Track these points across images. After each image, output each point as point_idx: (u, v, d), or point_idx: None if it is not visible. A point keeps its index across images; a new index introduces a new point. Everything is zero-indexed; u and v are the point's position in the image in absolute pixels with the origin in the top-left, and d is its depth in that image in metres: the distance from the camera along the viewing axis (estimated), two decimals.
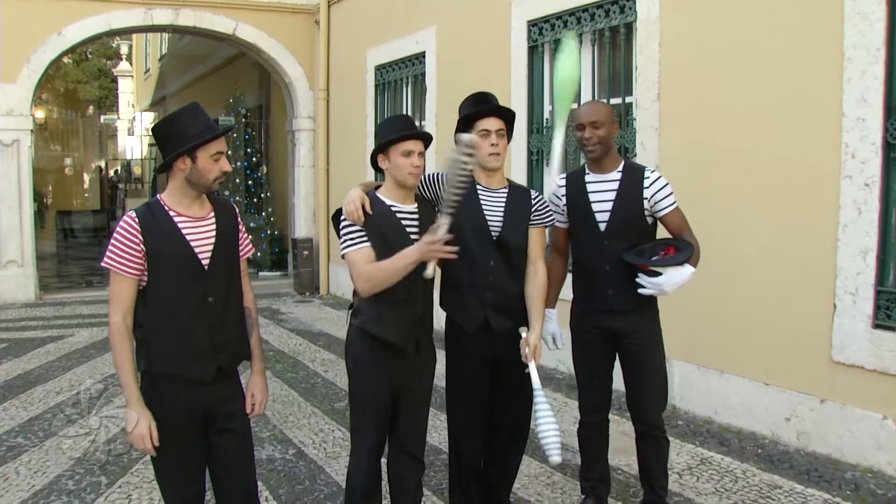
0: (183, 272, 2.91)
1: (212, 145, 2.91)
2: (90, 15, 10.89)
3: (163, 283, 2.88)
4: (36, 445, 5.13)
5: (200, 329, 2.94)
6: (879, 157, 4.46)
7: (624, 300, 3.64)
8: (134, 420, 2.83)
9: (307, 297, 11.53)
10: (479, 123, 3.53)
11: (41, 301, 10.95)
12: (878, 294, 4.54)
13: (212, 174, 2.92)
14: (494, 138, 3.52)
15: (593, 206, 3.67)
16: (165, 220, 2.90)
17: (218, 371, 2.99)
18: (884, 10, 4.39)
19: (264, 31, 11.78)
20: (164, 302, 2.89)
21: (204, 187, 2.95)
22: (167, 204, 2.95)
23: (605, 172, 3.70)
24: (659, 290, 3.50)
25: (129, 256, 2.83)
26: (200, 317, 2.94)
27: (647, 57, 5.96)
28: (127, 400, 2.85)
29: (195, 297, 2.93)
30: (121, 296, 2.85)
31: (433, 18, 8.88)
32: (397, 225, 3.28)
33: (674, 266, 3.47)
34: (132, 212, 2.90)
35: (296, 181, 12.40)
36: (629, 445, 5.02)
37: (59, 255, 16.69)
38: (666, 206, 3.64)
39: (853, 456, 4.62)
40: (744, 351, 5.30)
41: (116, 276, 2.85)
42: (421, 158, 3.29)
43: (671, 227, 3.67)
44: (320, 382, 6.76)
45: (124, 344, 2.84)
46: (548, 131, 7.17)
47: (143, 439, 2.83)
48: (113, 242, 2.85)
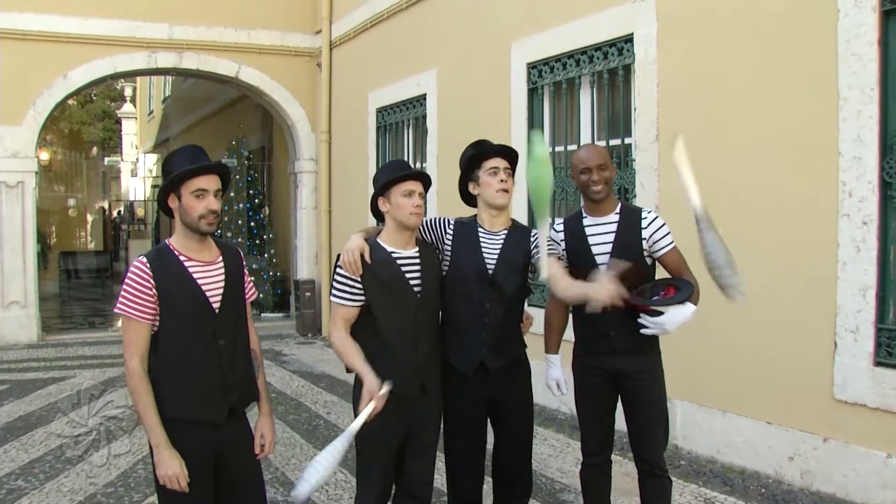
0: (194, 316, 2.94)
1: (192, 182, 2.91)
2: (95, 58, 11.04)
3: (174, 326, 2.91)
4: (36, 488, 5.10)
5: (212, 371, 2.96)
6: (876, 196, 4.49)
7: (626, 341, 3.64)
8: (166, 461, 2.84)
9: (309, 339, 11.52)
10: (486, 163, 3.61)
11: (43, 342, 10.93)
12: (879, 332, 4.54)
13: (195, 212, 2.91)
14: (503, 175, 3.58)
15: (593, 249, 3.68)
16: (175, 265, 2.93)
17: (229, 412, 3.01)
18: (876, 51, 4.46)
19: (267, 74, 11.92)
20: (176, 345, 2.92)
21: (192, 226, 2.94)
22: (176, 248, 2.98)
23: (604, 215, 3.71)
24: (661, 330, 3.50)
25: (143, 301, 2.86)
26: (211, 359, 2.97)
27: (645, 98, 6.03)
28: (155, 443, 2.86)
29: (206, 339, 2.96)
30: (136, 341, 2.88)
31: (434, 61, 8.99)
32: (397, 272, 3.29)
33: (675, 305, 3.48)
34: (143, 257, 2.93)
35: (298, 223, 12.46)
36: (632, 487, 4.99)
37: (61, 296, 16.70)
38: (664, 246, 3.66)
39: (858, 495, 4.59)
40: (746, 390, 5.29)
41: (130, 321, 2.87)
42: (421, 199, 3.32)
43: (670, 267, 3.69)
44: (322, 424, 6.73)
45: (145, 387, 2.86)
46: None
47: (177, 479, 2.84)
48: (125, 288, 2.87)
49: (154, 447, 2.87)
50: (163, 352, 2.91)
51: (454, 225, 3.66)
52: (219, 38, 11.61)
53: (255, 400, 3.19)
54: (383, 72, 10.18)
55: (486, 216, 3.64)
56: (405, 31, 9.65)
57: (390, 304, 3.28)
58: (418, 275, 3.33)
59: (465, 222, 3.67)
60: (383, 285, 3.24)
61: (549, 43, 7.03)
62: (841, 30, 4.63)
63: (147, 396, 2.86)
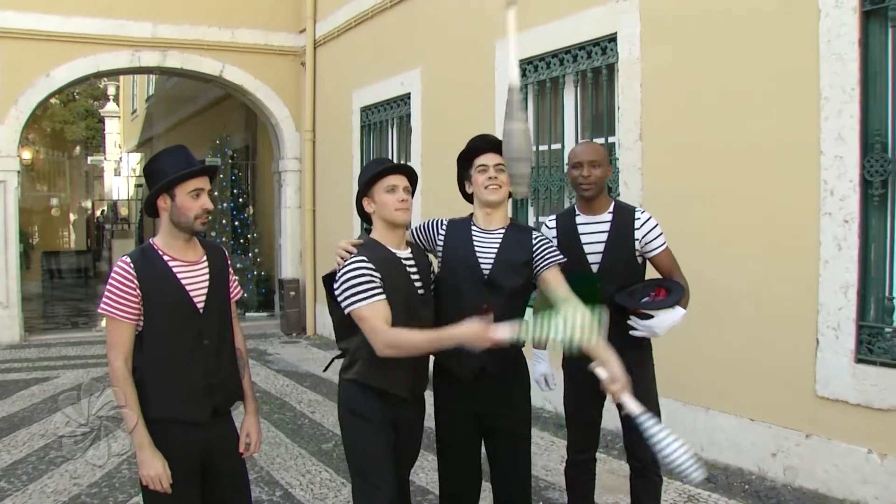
0: (178, 316, 2.93)
1: (189, 182, 2.92)
2: (78, 57, 10.97)
3: (158, 326, 2.90)
4: (19, 490, 5.07)
5: (197, 371, 2.96)
6: (857, 194, 4.54)
7: (615, 341, 3.42)
8: (149, 462, 2.84)
9: (294, 338, 11.50)
10: (476, 161, 3.46)
11: (26, 342, 10.87)
12: (860, 329, 4.58)
13: (192, 212, 2.92)
14: (492, 172, 3.39)
15: (585, 248, 3.64)
16: (160, 265, 2.93)
17: (213, 412, 3.01)
18: (857, 51, 4.50)
19: (251, 73, 11.89)
20: (160, 345, 2.91)
21: (186, 226, 2.95)
22: (160, 248, 2.97)
23: (597, 213, 3.68)
24: (651, 333, 3.48)
25: (126, 302, 2.86)
26: (197, 359, 2.96)
27: (628, 97, 6.06)
28: (138, 444, 2.86)
29: (191, 339, 2.95)
30: (120, 341, 2.87)
31: (418, 60, 8.99)
32: (400, 267, 3.18)
33: (665, 308, 3.47)
34: (126, 257, 2.92)
35: (282, 222, 12.44)
36: (617, 484, 5.04)
37: (44, 296, 16.61)
38: (657, 247, 3.64)
39: (840, 490, 4.64)
40: (729, 387, 5.32)
41: (114, 321, 2.87)
42: (407, 193, 3.21)
43: (661, 268, 3.68)
44: (307, 423, 6.73)
45: (130, 388, 2.86)
46: (532, 171, 7.22)
47: (159, 479, 2.84)
48: (109, 288, 2.86)
49: (137, 448, 2.87)
50: (147, 352, 2.90)
51: (447, 225, 3.52)
52: (203, 37, 11.58)
53: (240, 399, 3.19)
54: (367, 71, 10.18)
55: (480, 214, 3.48)
56: (389, 30, 9.65)
57: (396, 304, 3.12)
58: (416, 274, 3.24)
59: (459, 221, 3.53)
60: (391, 283, 3.10)
61: (533, 42, 7.05)
62: (822, 30, 4.66)
63: (132, 397, 2.85)
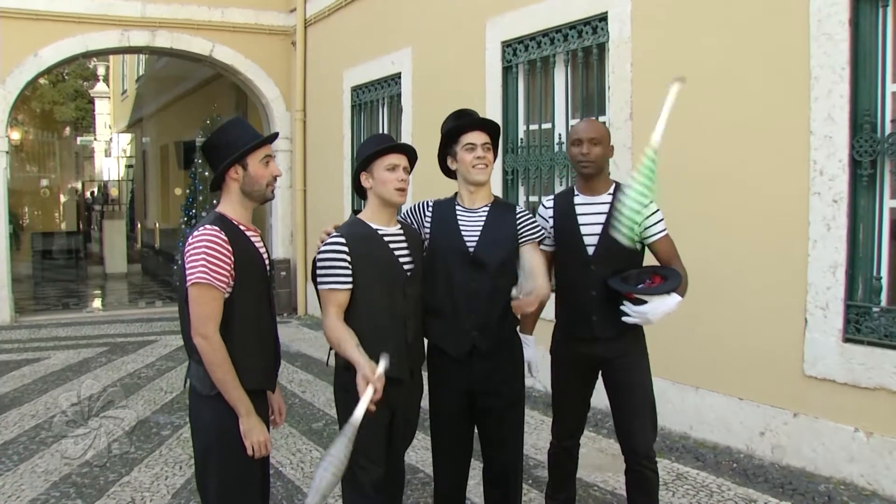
0: (260, 282, 3.01)
1: (260, 151, 2.98)
2: (66, 36, 10.87)
3: (244, 294, 2.91)
4: (10, 470, 5.08)
5: (271, 340, 3.08)
6: (846, 174, 4.55)
7: (607, 327, 3.53)
8: (257, 428, 2.88)
9: (285, 318, 11.49)
10: (463, 138, 3.42)
11: (17, 323, 10.84)
12: (848, 308, 4.61)
13: (264, 179, 2.99)
14: (480, 151, 3.39)
15: (582, 229, 3.56)
16: (241, 234, 2.94)
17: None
18: (847, 31, 4.49)
19: (241, 53, 11.80)
20: (249, 315, 2.94)
21: (259, 194, 3.00)
22: (232, 218, 2.96)
23: (596, 194, 3.60)
24: (644, 319, 3.39)
25: (224, 270, 2.82)
26: (271, 328, 3.08)
27: (619, 77, 6.05)
28: (244, 412, 2.86)
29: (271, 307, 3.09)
30: (215, 311, 2.82)
31: (409, 39, 8.95)
32: (385, 247, 3.19)
33: (660, 295, 3.38)
34: (211, 226, 2.86)
35: (273, 202, 12.38)
36: (606, 462, 5.07)
37: (35, 277, 16.53)
38: (656, 233, 3.53)
39: (827, 469, 4.68)
40: (719, 366, 5.35)
41: (211, 291, 2.80)
42: (406, 173, 3.21)
43: (660, 255, 3.57)
44: (298, 403, 6.74)
45: (227, 358, 2.82)
46: (523, 151, 7.23)
47: (266, 446, 2.91)
48: (206, 258, 2.79)
49: (244, 415, 2.85)
50: (235, 322, 2.89)
51: (433, 206, 3.53)
52: (192, 17, 11.47)
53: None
54: (358, 50, 10.13)
55: (464, 192, 3.48)
56: (380, 9, 9.60)
57: (378, 281, 3.15)
58: (406, 251, 3.23)
59: (443, 202, 3.53)
60: (371, 261, 3.12)
61: (524, 21, 7.02)
62: (812, 10, 4.66)
63: (231, 366, 2.82)
